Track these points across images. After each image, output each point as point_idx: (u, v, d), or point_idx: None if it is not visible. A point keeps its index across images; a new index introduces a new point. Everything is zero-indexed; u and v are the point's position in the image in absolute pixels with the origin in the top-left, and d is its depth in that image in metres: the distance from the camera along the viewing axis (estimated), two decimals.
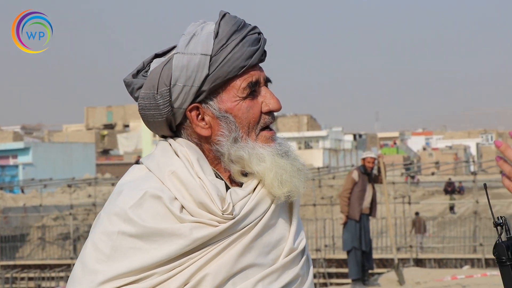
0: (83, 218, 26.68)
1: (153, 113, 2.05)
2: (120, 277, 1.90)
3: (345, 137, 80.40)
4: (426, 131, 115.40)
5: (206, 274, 1.92)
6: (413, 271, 15.04)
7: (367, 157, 13.29)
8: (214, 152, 2.05)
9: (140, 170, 2.08)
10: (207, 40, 2.01)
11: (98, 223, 2.00)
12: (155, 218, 1.93)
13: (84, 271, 1.94)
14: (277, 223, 2.07)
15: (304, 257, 2.13)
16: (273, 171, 2.00)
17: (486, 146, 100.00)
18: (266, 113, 2.06)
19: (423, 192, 41.56)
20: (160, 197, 1.94)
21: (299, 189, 2.05)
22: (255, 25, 2.10)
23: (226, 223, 1.95)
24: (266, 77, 2.09)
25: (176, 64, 2.01)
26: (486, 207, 31.75)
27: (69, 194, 30.05)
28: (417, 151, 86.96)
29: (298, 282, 2.08)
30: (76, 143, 50.22)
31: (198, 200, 1.95)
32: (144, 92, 2.04)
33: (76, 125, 77.00)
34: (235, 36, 2.02)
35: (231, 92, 2.02)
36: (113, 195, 2.02)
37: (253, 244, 1.99)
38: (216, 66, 1.99)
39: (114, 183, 33.87)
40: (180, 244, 1.91)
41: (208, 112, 2.03)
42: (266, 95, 2.06)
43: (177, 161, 2.02)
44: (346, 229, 13.14)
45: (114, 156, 60.04)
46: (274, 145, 2.05)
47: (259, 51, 2.05)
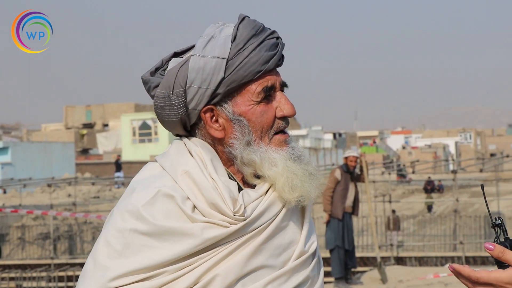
0: (63, 218, 26.47)
1: (168, 113, 2.06)
2: (131, 274, 1.91)
3: (325, 136, 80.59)
4: (405, 130, 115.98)
5: (216, 275, 1.92)
6: (396, 269, 15.09)
7: (349, 156, 13.31)
8: (227, 154, 2.06)
9: (154, 168, 2.09)
10: (224, 44, 2.01)
11: (111, 219, 2.01)
12: (167, 217, 1.94)
13: (95, 266, 1.95)
14: (289, 226, 2.07)
15: (315, 260, 2.13)
16: (284, 175, 2.00)
17: (465, 145, 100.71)
18: (280, 118, 2.06)
19: (403, 190, 41.73)
20: (173, 196, 1.95)
21: (311, 194, 2.05)
22: (274, 29, 2.09)
23: (237, 224, 1.95)
24: (282, 82, 2.09)
25: (193, 66, 2.01)
26: (465, 205, 31.97)
27: (49, 194, 29.90)
28: (396, 150, 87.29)
29: (308, 284, 2.08)
30: (55, 142, 49.91)
31: (210, 200, 1.95)
32: (160, 91, 2.05)
33: (55, 124, 76.60)
34: (252, 41, 2.03)
35: (246, 96, 2.03)
36: (127, 192, 2.03)
37: (264, 246, 1.99)
38: (232, 70, 2.00)
39: (94, 182, 33.76)
40: (191, 243, 1.92)
41: (222, 115, 2.04)
42: (281, 100, 2.06)
43: (191, 160, 2.02)
44: (329, 228, 13.17)
45: (94, 155, 59.72)
46: (287, 149, 2.05)
47: (276, 56, 2.05)
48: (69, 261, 20.34)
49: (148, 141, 52.71)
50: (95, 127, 70.73)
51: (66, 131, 65.82)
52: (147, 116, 53.28)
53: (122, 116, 55.34)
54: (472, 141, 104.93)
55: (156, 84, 2.07)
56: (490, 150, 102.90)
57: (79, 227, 24.19)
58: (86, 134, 65.84)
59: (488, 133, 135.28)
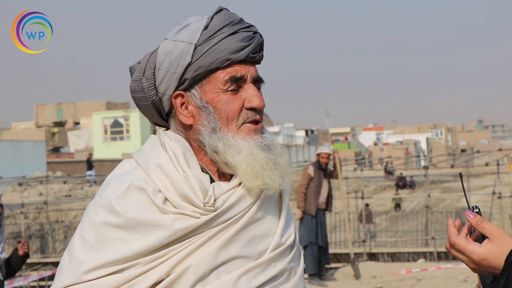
0: (34, 217, 26.31)
1: (140, 96, 2.12)
2: (104, 266, 1.93)
3: (297, 133, 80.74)
4: (376, 126, 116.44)
5: (189, 266, 1.94)
6: (369, 265, 15.17)
7: (321, 152, 13.33)
8: (197, 142, 2.08)
9: (129, 164, 2.12)
10: (195, 30, 2.06)
11: (86, 214, 2.03)
12: (139, 209, 1.96)
13: (71, 261, 1.97)
14: (265, 218, 2.08)
15: (293, 252, 2.14)
16: (245, 162, 2.02)
17: (436, 141, 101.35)
18: (248, 109, 2.06)
19: (375, 186, 41.94)
20: (144, 189, 1.97)
21: (275, 183, 2.04)
22: (252, 24, 2.11)
23: (208, 215, 1.97)
24: (257, 77, 2.10)
25: (162, 49, 2.07)
26: (437, 201, 32.21)
27: (19, 193, 29.66)
28: (368, 146, 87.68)
29: (285, 277, 2.09)
30: (25, 141, 49.45)
31: (181, 192, 1.98)
32: (134, 75, 2.12)
33: (26, 123, 75.93)
34: (225, 29, 2.05)
35: (213, 83, 2.05)
36: (102, 187, 2.07)
37: (238, 237, 2.00)
38: (199, 55, 2.03)
39: (65, 180, 33.56)
40: (162, 234, 1.94)
41: (192, 101, 2.07)
42: (251, 92, 2.07)
43: (163, 154, 2.05)
44: (303, 225, 13.19)
45: (65, 153, 59.24)
46: (256, 137, 2.06)
47: (249, 48, 2.06)
48: (41, 260, 20.22)
49: (120, 139, 52.43)
50: (66, 126, 70.23)
51: (37, 130, 65.24)
52: (119, 114, 53.04)
53: (94, 114, 54.99)
54: (443, 137, 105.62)
55: (133, 73, 2.14)
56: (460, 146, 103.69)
57: (50, 226, 24.01)
58: (57, 133, 65.35)
59: (459, 129, 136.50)
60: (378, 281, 13.03)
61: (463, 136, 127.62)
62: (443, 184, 40.65)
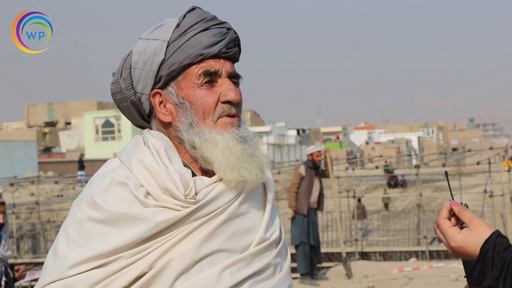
0: (26, 217, 26.25)
1: (119, 98, 2.16)
2: (88, 261, 1.94)
3: (288, 132, 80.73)
4: (368, 125, 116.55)
5: (172, 259, 1.95)
6: (361, 264, 15.17)
7: (315, 151, 13.31)
8: (177, 139, 2.10)
9: (113, 163, 2.14)
10: (168, 29, 2.10)
11: (70, 212, 2.05)
12: (121, 203, 1.98)
13: (55, 258, 1.99)
14: (249, 212, 2.10)
15: (278, 247, 2.15)
16: (220, 155, 2.03)
17: (427, 140, 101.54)
18: (224, 103, 2.09)
19: (367, 186, 41.98)
20: (126, 184, 1.99)
21: (252, 175, 2.05)
22: (226, 22, 2.14)
23: (189, 207, 1.99)
24: (232, 72, 2.13)
25: (136, 48, 2.11)
26: (429, 200, 32.25)
27: (11, 193, 29.60)
28: (360, 146, 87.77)
29: (270, 272, 2.10)
30: (17, 141, 49.36)
31: (162, 186, 2.00)
32: (114, 77, 2.16)
33: (17, 123, 75.78)
34: (197, 26, 2.09)
35: (188, 79, 2.08)
36: (86, 186, 2.09)
37: (220, 231, 2.02)
38: (172, 51, 2.07)
39: (57, 181, 33.47)
40: (144, 227, 1.95)
41: (169, 99, 2.10)
42: (226, 86, 2.10)
43: (145, 150, 2.07)
44: (294, 224, 13.18)
45: (56, 153, 59.16)
46: (232, 130, 2.07)
47: (221, 42, 2.09)
48: (33, 260, 20.17)
49: (112, 139, 52.36)
50: (57, 126, 70.11)
51: (28, 130, 65.10)
52: (110, 114, 52.95)
53: (85, 114, 54.91)
54: (434, 136, 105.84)
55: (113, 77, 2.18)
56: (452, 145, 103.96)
57: (42, 226, 23.96)
58: (48, 133, 65.22)
59: (450, 127, 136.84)
60: (370, 280, 13.04)
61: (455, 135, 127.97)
62: (435, 183, 40.68)
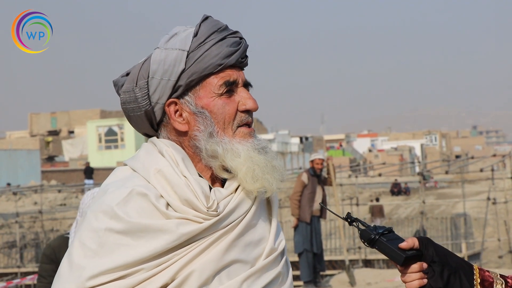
0: (29, 226, 26.25)
1: (132, 107, 2.13)
2: (107, 272, 1.92)
3: (291, 140, 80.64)
4: (371, 133, 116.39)
5: (193, 271, 1.95)
6: (364, 272, 15.16)
7: (315, 158, 13.32)
8: (193, 148, 2.10)
9: (124, 171, 2.12)
10: (186, 38, 2.09)
11: (84, 221, 2.02)
12: (142, 214, 1.97)
13: (71, 267, 1.96)
14: (258, 224, 2.12)
15: (284, 258, 2.18)
16: (245, 165, 2.05)
17: (430, 147, 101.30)
18: (242, 111, 2.11)
19: (370, 193, 41.89)
20: (146, 195, 1.98)
21: (273, 186, 2.08)
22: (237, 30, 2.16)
23: (211, 219, 1.99)
24: (246, 81, 2.15)
25: (155, 58, 2.09)
26: (432, 207, 32.19)
27: (14, 202, 29.58)
28: (363, 153, 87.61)
29: (280, 281, 2.13)
30: (20, 150, 49.40)
31: (183, 197, 1.99)
32: (125, 86, 2.12)
33: (20, 132, 75.76)
34: (214, 36, 2.09)
35: (207, 88, 2.08)
36: (99, 195, 2.06)
37: (237, 242, 2.03)
38: (192, 61, 2.06)
39: (60, 189, 33.47)
40: (166, 239, 1.95)
41: (186, 108, 2.09)
42: (244, 95, 2.12)
43: (162, 160, 2.06)
44: (297, 232, 13.17)
45: (60, 162, 59.12)
46: (252, 140, 2.10)
47: (238, 52, 2.11)
48: (36, 269, 20.13)
49: (115, 147, 52.36)
50: (60, 134, 70.05)
51: (31, 139, 65.08)
52: (113, 123, 52.97)
53: (88, 122, 54.93)
54: (437, 143, 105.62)
55: (123, 83, 2.14)
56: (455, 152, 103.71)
57: (45, 235, 23.95)
58: (51, 141, 65.18)
59: (453, 135, 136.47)
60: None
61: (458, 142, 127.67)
62: (438, 190, 40.63)
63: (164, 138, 2.14)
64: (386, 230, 2.14)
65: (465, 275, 2.13)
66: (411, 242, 2.11)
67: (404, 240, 2.12)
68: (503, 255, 20.37)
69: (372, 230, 2.13)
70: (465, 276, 2.13)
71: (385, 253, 2.13)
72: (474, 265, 2.18)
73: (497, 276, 2.18)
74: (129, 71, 2.18)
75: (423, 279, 2.11)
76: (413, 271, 2.11)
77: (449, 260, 2.13)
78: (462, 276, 2.12)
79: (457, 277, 2.12)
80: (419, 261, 2.12)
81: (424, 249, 2.12)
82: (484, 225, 21.60)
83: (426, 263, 2.12)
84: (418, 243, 2.12)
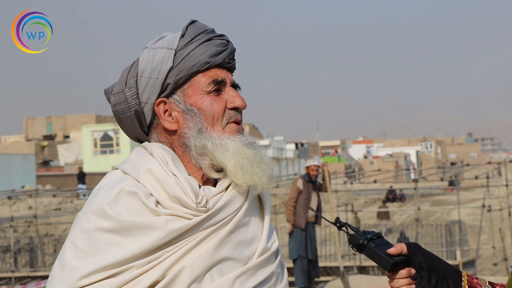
0: (24, 230, 26.20)
1: (122, 107, 2.16)
2: (99, 271, 1.94)
3: (287, 146, 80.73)
4: (366, 139, 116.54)
5: (183, 267, 1.97)
6: (359, 278, 15.14)
7: (310, 165, 13.32)
8: (183, 147, 2.12)
9: (115, 175, 2.15)
10: (173, 38, 2.14)
11: (76, 223, 2.04)
12: (131, 213, 1.98)
13: (63, 269, 1.97)
14: (250, 223, 2.14)
15: (278, 258, 2.19)
16: (234, 158, 2.07)
17: (426, 154, 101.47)
18: (231, 109, 2.14)
19: (365, 200, 41.91)
20: (136, 193, 2.00)
21: (262, 180, 2.10)
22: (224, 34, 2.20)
23: (200, 216, 2.01)
24: (234, 82, 2.19)
25: (143, 57, 2.13)
26: (427, 214, 32.22)
27: (9, 206, 29.54)
28: (358, 160, 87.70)
29: (273, 281, 2.14)
30: (15, 154, 49.34)
31: (172, 194, 2.01)
32: (115, 88, 2.16)
33: (15, 136, 75.67)
34: (201, 36, 2.14)
35: (196, 86, 2.12)
36: (90, 197, 2.08)
37: (228, 239, 2.05)
38: (180, 59, 2.11)
39: (55, 194, 33.43)
40: (156, 236, 1.96)
41: (175, 107, 2.12)
42: (232, 94, 2.15)
43: (152, 160, 2.09)
44: (292, 238, 13.16)
45: (55, 167, 59.07)
46: (240, 136, 2.13)
47: (225, 52, 2.15)
48: (30, 274, 20.14)
49: (110, 152, 52.30)
50: (56, 139, 70.01)
51: (27, 143, 65.05)
52: (109, 127, 52.92)
53: (83, 127, 54.87)
54: (432, 150, 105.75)
55: (113, 88, 2.18)
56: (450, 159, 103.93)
57: (40, 240, 23.92)
58: (46, 146, 65.14)
59: (448, 142, 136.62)
60: None
61: (453, 149, 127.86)
62: (433, 197, 40.64)
63: (155, 141, 2.17)
64: (375, 235, 2.15)
65: (453, 282, 2.15)
66: (399, 248, 2.12)
67: (393, 245, 2.13)
68: (498, 263, 20.39)
69: (361, 235, 2.14)
70: (453, 283, 2.14)
71: (373, 259, 2.14)
72: (463, 272, 2.20)
73: (486, 283, 2.19)
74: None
75: (410, 284, 2.12)
76: (401, 276, 2.12)
77: (437, 267, 2.14)
78: (450, 283, 2.14)
79: (445, 283, 2.13)
80: (407, 266, 2.13)
81: (413, 255, 2.13)
82: (479, 232, 21.62)
83: (414, 269, 2.13)
84: (406, 249, 2.13)
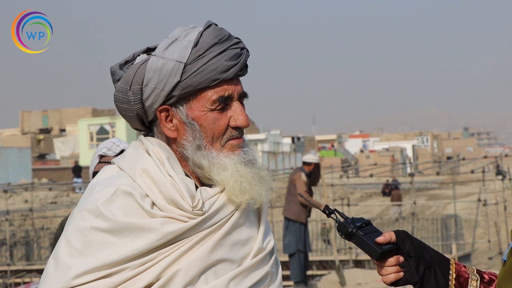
0: (19, 224, 26.18)
1: (125, 107, 2.12)
2: (93, 271, 1.93)
3: (283, 140, 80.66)
4: (363, 133, 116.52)
5: (178, 270, 1.96)
6: (354, 272, 15.15)
7: (313, 162, 13.27)
8: (180, 154, 2.10)
9: (111, 170, 2.12)
10: (185, 48, 2.05)
11: (71, 220, 2.03)
12: (127, 213, 1.97)
13: (57, 267, 1.97)
14: (246, 223, 2.12)
15: (273, 258, 2.19)
16: (232, 179, 2.05)
17: (422, 148, 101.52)
18: (233, 127, 2.09)
19: (361, 194, 41.94)
20: (132, 194, 1.99)
21: (261, 197, 2.09)
22: (239, 38, 2.10)
23: (196, 219, 2.00)
24: (242, 92, 2.12)
25: (151, 66, 2.05)
26: (423, 208, 32.23)
27: (5, 200, 29.52)
28: (354, 154, 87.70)
29: (268, 281, 2.14)
30: (11, 148, 49.27)
31: (168, 197, 2.00)
32: (120, 85, 2.10)
33: (11, 130, 75.53)
34: (214, 48, 2.05)
35: (201, 101, 2.06)
36: (86, 193, 2.06)
37: (223, 242, 2.04)
38: (188, 74, 2.04)
39: (51, 187, 33.37)
40: (151, 238, 1.96)
41: (177, 116, 2.08)
42: (236, 111, 2.10)
43: (148, 159, 2.07)
44: (291, 232, 13.11)
45: (51, 160, 58.97)
46: (239, 153, 2.09)
47: (237, 66, 2.08)
48: (26, 267, 20.09)
49: None
50: (52, 132, 69.90)
51: (22, 136, 64.97)
52: (105, 121, 52.87)
53: (79, 121, 54.80)
54: (429, 145, 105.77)
55: (119, 77, 2.12)
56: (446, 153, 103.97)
57: (36, 233, 23.90)
58: (42, 139, 65.07)
59: (445, 136, 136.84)
60: None
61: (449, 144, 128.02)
62: (429, 191, 40.68)
63: (156, 136, 2.15)
64: (364, 223, 2.16)
65: (441, 270, 2.16)
66: (388, 236, 2.13)
67: (382, 233, 2.14)
68: (493, 257, 20.41)
69: (350, 223, 2.14)
70: (441, 271, 2.15)
71: (361, 247, 2.14)
72: (451, 260, 2.21)
73: (474, 271, 2.21)
74: (127, 59, 2.16)
75: (399, 272, 2.13)
76: (390, 264, 2.13)
77: (425, 255, 2.15)
78: (438, 271, 2.15)
79: (432, 271, 2.14)
80: (396, 254, 2.13)
81: (401, 242, 2.14)
82: (474, 226, 21.63)
83: (403, 256, 2.14)
84: (395, 237, 2.14)
